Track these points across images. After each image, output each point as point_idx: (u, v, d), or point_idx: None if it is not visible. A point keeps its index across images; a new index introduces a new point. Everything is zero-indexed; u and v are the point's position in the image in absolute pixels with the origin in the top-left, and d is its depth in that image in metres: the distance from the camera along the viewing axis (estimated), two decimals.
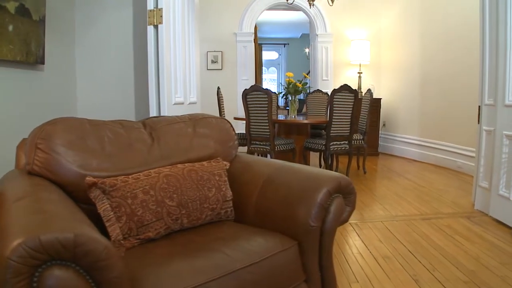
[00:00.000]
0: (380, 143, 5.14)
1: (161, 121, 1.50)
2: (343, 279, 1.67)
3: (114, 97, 2.59)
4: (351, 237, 2.17)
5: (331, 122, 3.17)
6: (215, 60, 5.12)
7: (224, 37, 5.09)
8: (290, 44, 9.35)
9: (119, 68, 2.55)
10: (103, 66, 2.60)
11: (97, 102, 2.61)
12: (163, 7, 1.82)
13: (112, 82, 2.61)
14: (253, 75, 5.28)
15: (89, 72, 2.62)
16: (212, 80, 5.00)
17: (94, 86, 2.64)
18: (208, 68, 5.13)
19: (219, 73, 5.14)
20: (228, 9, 5.06)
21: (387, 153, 5.09)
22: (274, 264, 1.03)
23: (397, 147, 4.96)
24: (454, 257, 1.89)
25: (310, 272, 1.13)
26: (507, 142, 2.38)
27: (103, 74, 2.62)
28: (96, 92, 2.63)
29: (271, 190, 1.26)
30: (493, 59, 2.56)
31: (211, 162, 1.37)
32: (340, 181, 1.14)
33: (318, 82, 5.09)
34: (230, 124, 1.57)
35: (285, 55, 9.57)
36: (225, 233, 1.17)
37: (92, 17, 2.55)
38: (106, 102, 2.58)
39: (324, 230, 1.12)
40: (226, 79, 5.06)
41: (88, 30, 2.57)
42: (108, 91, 2.61)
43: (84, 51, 2.59)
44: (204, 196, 1.24)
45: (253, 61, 5.31)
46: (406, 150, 4.79)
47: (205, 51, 5.10)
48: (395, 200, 2.93)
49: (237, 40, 5.07)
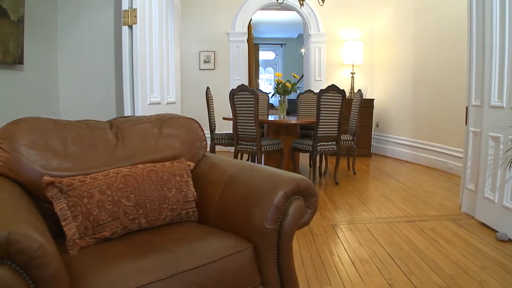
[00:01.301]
0: (374, 144, 5.10)
1: (127, 121, 1.49)
2: (316, 282, 1.64)
3: (96, 97, 2.58)
4: (331, 239, 2.14)
5: (318, 122, 3.14)
6: (207, 60, 5.10)
7: (216, 37, 5.07)
8: (287, 44, 9.32)
9: (101, 67, 2.54)
10: (85, 66, 2.59)
11: (80, 101, 2.60)
12: (137, 8, 1.81)
13: (94, 82, 2.60)
14: (246, 75, 5.26)
15: (71, 72, 2.61)
16: (205, 80, 4.98)
17: (76, 86, 2.63)
18: (201, 68, 5.12)
19: (211, 73, 5.12)
20: (221, 9, 5.04)
21: (380, 154, 5.04)
22: (225, 266, 1.01)
23: (390, 148, 4.92)
24: (433, 261, 1.86)
25: (266, 275, 1.10)
26: (492, 143, 2.34)
27: (85, 74, 2.61)
28: (79, 92, 2.63)
29: (232, 191, 1.24)
30: (479, 60, 2.52)
31: (173, 163, 1.36)
32: (299, 183, 1.11)
33: (311, 83, 5.06)
34: (198, 125, 1.56)
35: (282, 55, 9.54)
36: (182, 234, 1.16)
37: (75, 17, 2.55)
38: (88, 102, 2.58)
39: (281, 232, 1.10)
40: (218, 79, 5.05)
41: (70, 31, 2.56)
42: (90, 91, 2.60)
43: (66, 51, 2.58)
44: (163, 196, 1.23)
45: (246, 61, 5.28)
46: (399, 151, 4.75)
47: (197, 51, 5.09)
48: (381, 202, 2.89)
49: (230, 40, 5.05)
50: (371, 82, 5.15)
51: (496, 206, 2.27)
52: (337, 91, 3.13)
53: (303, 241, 2.11)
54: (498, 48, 2.27)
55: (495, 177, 2.29)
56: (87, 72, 2.59)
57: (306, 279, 1.67)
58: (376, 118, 5.05)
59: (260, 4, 4.98)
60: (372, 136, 4.99)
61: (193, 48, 5.09)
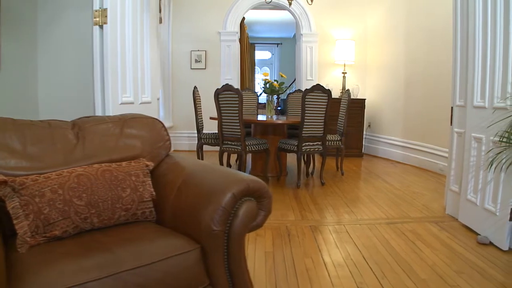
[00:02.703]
0: (365, 144, 5.05)
1: (90, 121, 1.49)
2: (284, 284, 1.61)
3: (75, 96, 2.56)
4: (307, 240, 2.10)
5: (303, 122, 3.10)
6: (198, 60, 5.07)
7: (208, 36, 5.04)
8: (283, 44, 9.28)
9: (81, 67, 2.51)
10: (65, 65, 2.57)
11: (59, 101, 2.59)
12: (108, 8, 1.80)
13: (74, 82, 2.58)
14: (237, 75, 5.23)
15: (51, 72, 2.59)
16: (196, 80, 4.96)
17: (56, 86, 2.62)
18: (192, 68, 5.10)
19: (202, 73, 5.10)
20: (212, 9, 5.01)
21: (371, 155, 5.00)
22: (168, 267, 1.00)
23: (381, 149, 4.87)
24: (408, 264, 1.82)
25: (215, 277, 1.08)
26: (475, 144, 2.29)
27: (65, 74, 2.59)
28: (58, 91, 2.61)
29: (185, 191, 1.23)
30: (464, 60, 2.47)
31: (130, 163, 1.35)
32: (249, 184, 1.08)
33: (303, 82, 5.02)
34: (162, 125, 1.53)
35: (278, 54, 9.51)
36: (133, 234, 1.15)
37: (54, 17, 2.53)
38: (67, 101, 2.56)
39: (230, 234, 1.07)
40: (209, 78, 5.02)
41: (50, 30, 2.55)
42: (70, 91, 2.58)
43: (46, 51, 2.57)
44: (117, 196, 1.23)
45: (238, 60, 5.25)
46: (390, 152, 4.70)
47: (188, 50, 5.07)
48: (365, 203, 2.84)
49: (221, 39, 5.03)
50: (363, 82, 5.10)
51: (478, 209, 2.22)
52: (323, 90, 3.09)
53: (279, 242, 2.08)
54: (480, 47, 2.22)
55: (478, 179, 2.24)
56: (67, 72, 2.57)
57: (275, 281, 1.64)
58: (368, 118, 5.01)
59: (252, 3, 4.94)
60: (364, 137, 4.94)
61: (184, 48, 5.07)
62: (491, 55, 2.13)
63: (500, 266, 1.80)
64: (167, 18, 4.96)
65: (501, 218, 2.02)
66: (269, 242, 2.07)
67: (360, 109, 4.70)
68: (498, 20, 2.07)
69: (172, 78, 5.14)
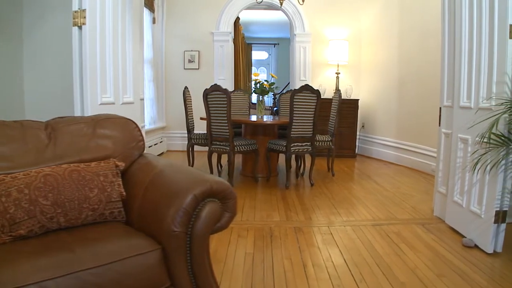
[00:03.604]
0: (359, 145, 5.02)
1: (63, 122, 1.50)
2: (259, 286, 1.58)
3: (59, 95, 2.56)
4: (289, 242, 2.08)
5: (292, 123, 3.08)
6: (192, 60, 5.06)
7: (201, 36, 5.03)
8: (280, 44, 9.25)
9: (64, 67, 2.51)
10: (50, 65, 2.58)
11: (44, 100, 2.59)
12: (86, 8, 1.80)
13: (58, 81, 2.58)
14: (231, 75, 5.21)
15: (36, 72, 2.60)
16: (189, 80, 4.94)
17: (41, 85, 2.62)
18: (185, 68, 5.08)
19: (196, 73, 5.09)
20: (205, 9, 5.00)
21: (365, 156, 4.96)
22: (126, 267, 1.00)
23: (375, 149, 4.84)
24: (389, 267, 1.79)
25: (177, 278, 1.07)
26: (461, 145, 2.26)
27: (50, 73, 2.60)
28: (44, 90, 2.61)
29: (152, 192, 1.22)
30: (451, 59, 2.44)
31: (100, 163, 1.35)
32: (212, 185, 1.07)
33: (296, 82, 4.99)
34: (135, 125, 1.52)
35: (275, 55, 9.49)
36: (97, 234, 1.15)
37: (39, 17, 2.54)
38: (52, 100, 2.56)
39: (193, 235, 1.06)
40: (203, 79, 5.00)
41: (36, 31, 2.56)
42: (55, 90, 2.59)
43: (31, 51, 2.57)
44: (84, 196, 1.24)
45: (231, 60, 5.24)
46: (384, 153, 4.67)
47: (182, 50, 5.06)
48: (353, 204, 2.82)
49: (214, 39, 5.01)
50: (357, 82, 5.07)
51: (464, 211, 2.19)
52: (311, 91, 3.07)
53: (260, 243, 2.05)
54: (467, 47, 2.19)
55: (464, 181, 2.21)
56: (52, 72, 2.58)
57: (251, 283, 1.61)
58: (361, 118, 4.98)
59: (245, 4, 4.93)
60: (358, 137, 4.91)
61: (178, 48, 5.06)
62: (476, 55, 2.10)
63: (483, 269, 1.77)
64: (160, 18, 4.95)
65: (486, 220, 1.99)
66: (250, 243, 2.05)
67: (353, 110, 4.67)
68: (483, 21, 2.04)
69: (166, 78, 5.13)
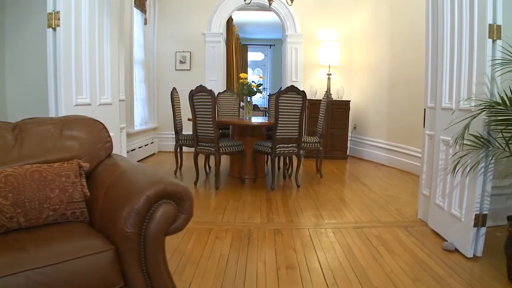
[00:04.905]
0: (351, 146, 4.99)
1: (32, 123, 1.51)
2: (227, 287, 1.56)
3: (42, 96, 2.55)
4: (267, 243, 2.05)
5: (277, 124, 3.05)
6: (183, 61, 5.05)
7: (192, 37, 5.03)
8: (276, 45, 9.23)
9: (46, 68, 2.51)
10: (31, 66, 2.57)
11: (27, 101, 2.58)
12: (60, 10, 1.80)
13: (39, 82, 2.57)
14: (223, 76, 5.20)
15: (18, 73, 2.59)
16: (180, 81, 4.94)
17: (23, 86, 2.62)
18: (177, 69, 5.08)
19: (187, 74, 5.08)
20: (197, 10, 4.99)
21: (357, 157, 4.93)
22: (77, 267, 1.00)
23: (366, 151, 4.81)
24: (364, 271, 1.76)
25: (131, 279, 1.07)
26: (443, 147, 2.23)
27: (31, 74, 2.59)
28: (25, 91, 2.60)
29: (111, 192, 1.22)
30: (434, 60, 2.42)
31: (63, 164, 1.34)
32: (166, 187, 1.05)
33: (288, 83, 4.96)
34: (103, 126, 1.51)
35: (271, 56, 9.47)
36: (54, 234, 1.15)
37: (23, 19, 2.54)
38: (34, 101, 2.55)
39: (146, 237, 1.05)
40: (194, 79, 4.98)
41: (18, 32, 2.55)
42: (36, 90, 2.58)
43: (13, 52, 2.57)
44: (44, 196, 1.24)
45: (223, 61, 5.23)
46: (375, 154, 4.63)
47: (173, 51, 5.06)
48: (337, 206, 2.79)
49: (206, 40, 5.00)
50: (349, 83, 5.05)
51: (445, 214, 2.16)
52: (297, 92, 3.04)
53: (237, 245, 2.03)
54: (448, 47, 2.17)
55: (446, 183, 2.18)
56: (33, 73, 2.57)
57: (221, 285, 1.59)
58: (353, 120, 4.95)
59: (237, 5, 4.92)
60: (349, 138, 4.88)
61: (169, 49, 5.06)
62: (457, 55, 2.08)
63: (461, 274, 1.74)
64: (152, 19, 4.95)
65: (466, 224, 1.96)
66: (227, 245, 2.02)
67: (344, 111, 4.64)
68: (464, 20, 2.02)
69: (157, 79, 5.12)
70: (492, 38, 1.85)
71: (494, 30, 1.85)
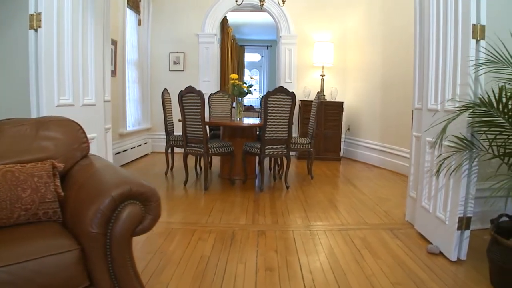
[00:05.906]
0: (345, 148, 4.97)
1: (9, 124, 1.52)
2: None
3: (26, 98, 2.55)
4: (249, 245, 2.03)
5: (266, 125, 3.04)
6: (177, 62, 5.05)
7: (186, 38, 5.02)
8: (273, 46, 9.24)
9: None
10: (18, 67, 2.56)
11: (11, 102, 2.58)
12: (42, 12, 1.80)
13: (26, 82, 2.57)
14: (216, 77, 5.19)
15: (3, 74, 2.59)
16: (174, 82, 4.93)
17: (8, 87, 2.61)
18: (170, 69, 5.08)
19: (181, 75, 5.07)
20: (191, 10, 4.99)
21: (350, 158, 4.91)
22: (41, 266, 1.01)
23: (359, 152, 4.79)
24: (344, 274, 1.74)
25: (96, 279, 1.07)
26: (429, 149, 2.21)
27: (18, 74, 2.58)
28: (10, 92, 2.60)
29: (82, 192, 1.22)
30: (421, 61, 2.40)
31: (36, 164, 1.35)
32: (131, 188, 1.05)
33: (281, 84, 4.94)
34: (79, 127, 1.51)
35: (267, 57, 9.47)
36: (24, 234, 1.15)
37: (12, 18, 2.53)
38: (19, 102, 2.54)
39: (112, 237, 1.05)
40: (188, 80, 4.97)
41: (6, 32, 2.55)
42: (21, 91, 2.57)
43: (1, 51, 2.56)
44: (16, 196, 1.24)
45: (217, 62, 5.22)
46: (368, 156, 4.61)
47: (167, 52, 5.06)
48: (324, 208, 2.77)
49: (199, 41, 5.00)
50: (342, 84, 5.03)
51: (430, 216, 2.14)
52: (286, 93, 3.03)
53: (219, 246, 2.02)
54: (434, 47, 2.15)
55: (431, 185, 2.16)
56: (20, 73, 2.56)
57: (199, 286, 1.58)
58: (347, 121, 4.93)
59: (230, 6, 4.91)
60: (343, 140, 4.87)
61: (163, 49, 5.06)
62: (443, 56, 2.06)
63: (443, 278, 1.72)
64: (146, 20, 4.95)
65: (450, 226, 1.94)
66: (209, 246, 2.01)
67: (338, 112, 4.63)
68: (449, 20, 2.00)
69: (151, 79, 5.12)
70: (476, 38, 1.84)
71: (478, 30, 1.83)
